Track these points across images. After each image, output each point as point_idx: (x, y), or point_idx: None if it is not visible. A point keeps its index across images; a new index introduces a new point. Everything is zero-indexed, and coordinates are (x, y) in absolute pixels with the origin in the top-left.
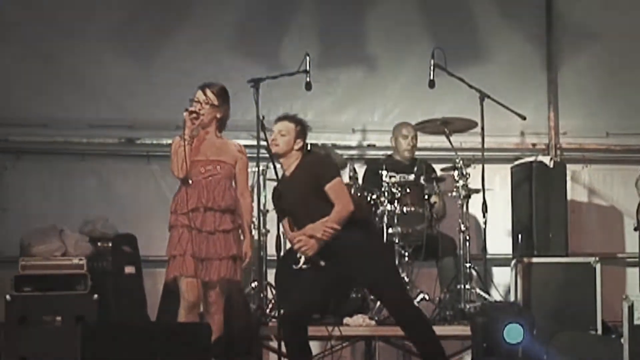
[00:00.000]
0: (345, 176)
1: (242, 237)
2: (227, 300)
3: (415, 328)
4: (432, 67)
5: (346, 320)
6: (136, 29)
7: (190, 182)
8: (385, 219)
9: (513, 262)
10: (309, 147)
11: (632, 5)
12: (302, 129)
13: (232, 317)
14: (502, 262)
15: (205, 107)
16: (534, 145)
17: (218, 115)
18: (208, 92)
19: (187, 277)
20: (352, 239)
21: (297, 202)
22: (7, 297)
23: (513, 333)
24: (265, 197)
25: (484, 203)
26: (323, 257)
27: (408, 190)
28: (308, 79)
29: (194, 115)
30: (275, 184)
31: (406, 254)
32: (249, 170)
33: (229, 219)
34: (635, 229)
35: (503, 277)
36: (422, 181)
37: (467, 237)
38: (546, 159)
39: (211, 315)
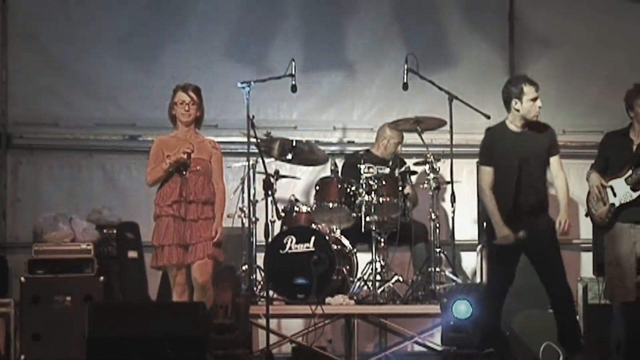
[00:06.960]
0: (327, 170)
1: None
2: (214, 282)
3: None
4: (405, 71)
5: (328, 299)
6: (137, 39)
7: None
8: (363, 208)
9: (478, 247)
10: (293, 144)
11: (586, 16)
12: None
13: (223, 297)
14: (469, 247)
15: (192, 108)
16: None
17: (199, 114)
18: (190, 93)
19: (174, 265)
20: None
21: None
22: (22, 279)
23: (461, 309)
24: (255, 188)
25: (453, 194)
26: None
27: (384, 182)
28: (293, 82)
29: (191, 153)
30: (263, 176)
31: (382, 240)
32: (239, 164)
33: (210, 209)
34: (585, 216)
35: (469, 261)
36: (396, 174)
37: (437, 225)
38: None
39: (205, 291)
